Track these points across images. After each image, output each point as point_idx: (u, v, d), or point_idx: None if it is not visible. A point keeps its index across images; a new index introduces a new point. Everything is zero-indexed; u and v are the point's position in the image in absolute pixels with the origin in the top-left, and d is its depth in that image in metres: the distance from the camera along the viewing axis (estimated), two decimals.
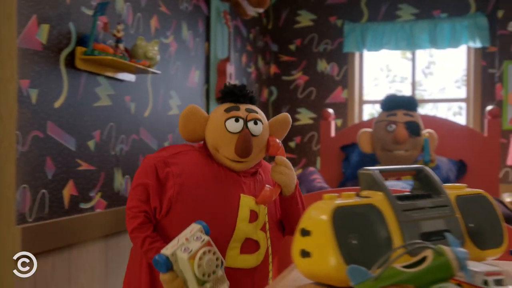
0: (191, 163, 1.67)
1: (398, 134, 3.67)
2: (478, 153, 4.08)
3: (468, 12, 4.87)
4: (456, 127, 4.20)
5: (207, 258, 1.41)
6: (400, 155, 3.78)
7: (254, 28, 4.86)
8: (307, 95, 5.33)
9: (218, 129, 1.66)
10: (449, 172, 4.00)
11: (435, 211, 1.18)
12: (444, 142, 4.13)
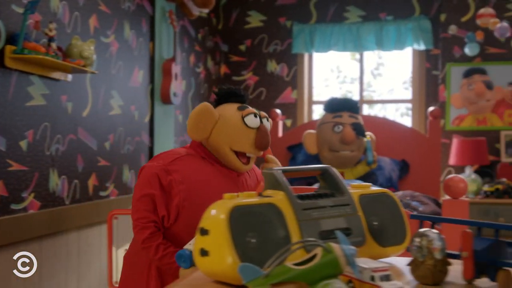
0: (191, 168, 1.71)
1: (346, 135, 3.73)
2: (420, 153, 4.18)
3: (412, 15, 4.98)
4: (399, 128, 4.29)
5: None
6: (346, 155, 3.84)
7: (203, 28, 4.86)
8: (257, 96, 5.36)
9: (237, 126, 1.71)
10: (391, 172, 4.08)
11: (336, 210, 1.22)
12: (387, 142, 4.22)
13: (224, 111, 1.76)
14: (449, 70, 4.83)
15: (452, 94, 4.85)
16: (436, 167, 4.13)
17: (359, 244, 1.22)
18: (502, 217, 4.27)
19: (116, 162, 3.30)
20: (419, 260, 1.10)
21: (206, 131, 1.73)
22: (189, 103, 4.57)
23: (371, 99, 6.04)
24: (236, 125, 1.72)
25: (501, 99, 4.74)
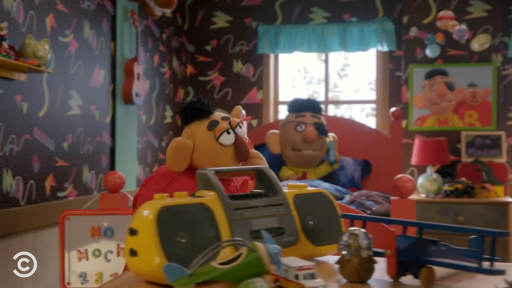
0: (186, 187, 1.67)
1: (308, 134, 3.77)
2: (382, 153, 4.23)
3: (376, 17, 5.04)
4: (362, 128, 4.34)
5: None
6: (308, 154, 3.87)
7: (168, 28, 4.85)
8: (223, 96, 5.37)
9: (213, 149, 1.71)
10: (354, 172, 4.13)
11: (269, 210, 1.23)
12: (350, 143, 4.27)
13: (195, 135, 1.74)
14: (411, 71, 4.90)
15: (414, 95, 4.92)
16: (397, 167, 4.18)
17: (292, 243, 1.24)
18: (462, 216, 4.35)
19: (75, 162, 3.28)
20: (346, 258, 1.12)
21: (186, 161, 1.74)
22: (153, 103, 4.56)
23: (337, 99, 6.10)
24: (212, 148, 1.72)
25: (462, 100, 4.83)
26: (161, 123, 4.74)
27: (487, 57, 4.77)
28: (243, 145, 1.73)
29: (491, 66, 4.76)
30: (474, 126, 4.81)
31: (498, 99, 4.78)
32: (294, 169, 3.98)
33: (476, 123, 4.82)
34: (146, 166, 4.41)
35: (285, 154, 3.93)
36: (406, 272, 1.13)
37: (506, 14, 4.82)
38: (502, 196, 4.46)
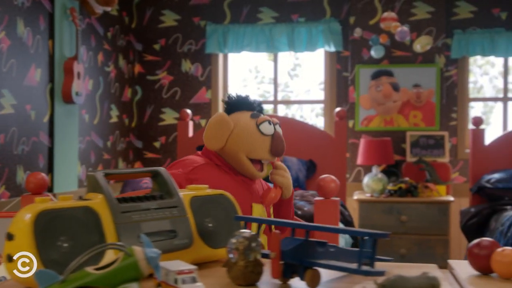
0: (210, 176, 1.73)
1: None
2: (327, 154, 4.26)
3: (323, 17, 5.07)
4: (307, 128, 4.36)
5: None
6: None
7: (113, 27, 4.78)
8: (171, 95, 5.32)
9: (253, 134, 1.74)
10: (298, 172, 4.14)
11: (161, 212, 1.21)
12: (295, 143, 4.28)
13: (238, 120, 1.78)
14: (358, 72, 4.95)
15: (361, 95, 4.97)
16: (342, 167, 4.22)
17: (185, 247, 1.22)
18: (405, 215, 4.41)
19: (8, 163, 3.20)
20: (232, 261, 1.11)
21: (223, 140, 1.76)
22: (96, 102, 4.48)
23: (288, 99, 6.11)
24: (252, 133, 1.75)
25: (407, 100, 4.89)
26: (106, 123, 4.67)
27: (430, 58, 4.85)
28: (280, 140, 1.76)
29: (434, 67, 4.83)
30: (419, 126, 4.89)
31: (441, 100, 4.86)
32: None
33: (420, 123, 4.89)
34: (89, 166, 4.33)
35: None
36: (293, 274, 1.12)
37: (449, 16, 4.91)
38: (444, 195, 4.53)
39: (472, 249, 1.17)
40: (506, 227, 3.26)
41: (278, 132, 1.77)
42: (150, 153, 5.34)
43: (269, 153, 1.76)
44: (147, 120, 5.35)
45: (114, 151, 4.80)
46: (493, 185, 3.80)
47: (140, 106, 5.34)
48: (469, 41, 4.79)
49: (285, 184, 1.80)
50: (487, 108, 5.88)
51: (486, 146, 4.17)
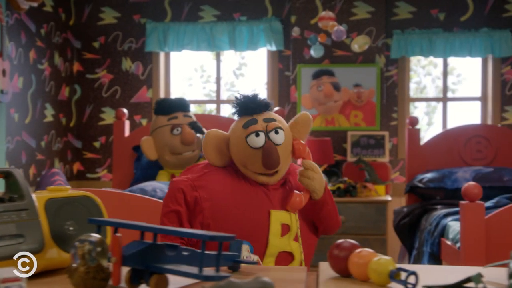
0: (220, 183, 1.67)
1: (186, 136, 3.66)
2: None
3: (265, 16, 5.04)
4: None
5: None
6: (189, 156, 3.77)
7: (47, 23, 4.65)
8: (111, 94, 5.22)
9: (241, 147, 1.65)
10: None
11: (6, 216, 1.14)
12: None
13: (233, 130, 1.71)
14: (299, 71, 4.93)
15: (302, 95, 4.95)
16: None
17: (35, 251, 1.15)
18: (343, 215, 4.40)
19: None
20: (73, 267, 1.05)
21: (224, 155, 1.72)
22: (28, 101, 4.35)
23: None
24: (241, 147, 1.66)
25: (347, 100, 4.90)
26: (40, 122, 4.54)
27: (371, 58, 4.86)
28: (269, 153, 1.62)
29: (375, 67, 4.85)
30: (359, 126, 4.90)
31: (381, 100, 4.88)
32: (172, 171, 3.88)
33: (361, 123, 4.90)
34: (19, 166, 4.20)
35: (163, 159, 3.82)
36: (141, 280, 1.07)
37: (389, 16, 4.93)
38: (383, 195, 4.54)
39: (332, 251, 1.13)
40: (433, 227, 3.27)
41: (270, 143, 1.64)
42: (90, 153, 5.22)
43: (262, 167, 1.64)
44: (87, 120, 5.23)
45: (49, 151, 4.68)
46: (425, 184, 3.82)
47: (79, 105, 5.21)
48: (408, 42, 4.82)
49: (312, 187, 1.66)
50: (430, 108, 5.95)
51: (422, 146, 4.20)
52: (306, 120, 1.75)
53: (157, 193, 2.73)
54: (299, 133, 1.74)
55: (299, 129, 1.74)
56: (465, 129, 4.19)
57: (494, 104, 4.87)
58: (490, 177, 3.66)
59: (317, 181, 1.67)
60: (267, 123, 1.67)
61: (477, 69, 5.03)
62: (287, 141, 1.68)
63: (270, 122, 1.68)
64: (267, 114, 1.71)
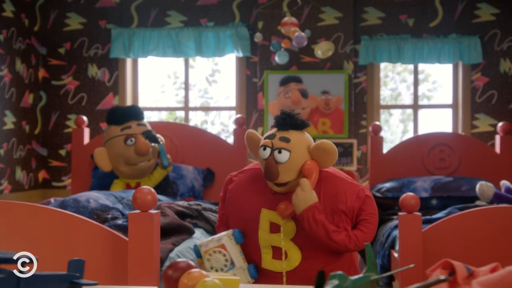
0: (244, 180, 2.03)
1: (140, 146, 3.61)
2: (227, 162, 4.16)
3: (233, 22, 5.00)
4: (204, 135, 4.27)
5: (215, 256, 1.91)
6: (144, 166, 3.73)
7: (7, 29, 4.61)
8: (78, 101, 5.18)
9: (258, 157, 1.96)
10: (194, 181, 4.04)
11: None
12: (191, 150, 4.18)
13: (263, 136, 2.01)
14: (266, 78, 4.88)
15: (270, 101, 4.90)
16: None
17: None
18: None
19: None
20: None
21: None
22: None
23: (208, 106, 6.03)
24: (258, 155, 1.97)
25: (315, 107, 4.85)
26: None
27: (339, 64, 4.82)
28: (267, 167, 1.88)
29: (343, 74, 4.80)
30: (327, 134, 4.84)
31: (350, 107, 4.83)
32: (127, 181, 3.83)
33: (329, 130, 4.85)
34: None
35: (118, 169, 3.77)
36: None
37: (357, 22, 4.89)
38: None
39: (166, 271, 1.08)
40: (385, 238, 3.21)
41: (271, 159, 1.88)
42: (56, 161, 5.18)
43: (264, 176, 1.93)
44: (52, 127, 5.19)
45: (9, 159, 4.63)
46: (382, 194, 3.76)
47: (44, 112, 5.18)
48: (376, 48, 4.78)
49: (293, 201, 1.89)
50: (406, 115, 5.89)
51: (385, 154, 4.14)
52: (327, 149, 1.92)
53: (90, 204, 2.68)
54: (317, 157, 1.92)
55: (318, 154, 1.92)
56: (428, 137, 4.13)
57: (464, 111, 4.82)
58: (448, 187, 3.61)
59: (299, 198, 1.87)
60: (279, 141, 1.90)
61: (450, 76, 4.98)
62: (294, 160, 1.89)
63: (282, 141, 1.90)
64: (289, 133, 1.93)
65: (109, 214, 2.65)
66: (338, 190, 1.93)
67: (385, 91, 5.62)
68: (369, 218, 1.94)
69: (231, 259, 1.91)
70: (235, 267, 1.91)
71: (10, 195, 4.62)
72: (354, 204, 1.93)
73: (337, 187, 1.94)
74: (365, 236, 1.92)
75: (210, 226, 3.03)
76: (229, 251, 1.91)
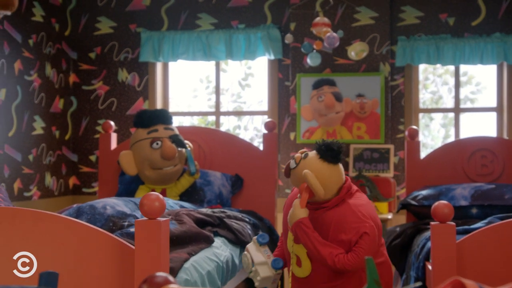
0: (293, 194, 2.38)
1: (166, 150, 3.56)
2: (256, 168, 4.06)
3: (264, 23, 4.90)
4: (234, 140, 4.18)
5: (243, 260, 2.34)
6: (170, 171, 3.67)
7: (36, 34, 4.63)
8: (108, 106, 5.17)
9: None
10: (221, 187, 3.95)
11: None
12: (220, 156, 4.10)
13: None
14: (299, 81, 4.76)
15: (302, 105, 4.78)
16: (271, 182, 4.03)
17: None
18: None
19: None
20: None
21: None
22: (12, 112, 4.33)
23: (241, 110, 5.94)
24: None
25: (350, 111, 4.70)
26: (27, 135, 4.51)
27: (375, 66, 4.66)
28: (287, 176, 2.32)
29: (379, 76, 4.64)
30: (363, 139, 4.69)
31: (386, 111, 4.66)
32: (152, 187, 3.77)
33: (364, 135, 4.69)
34: (1, 181, 4.17)
35: (143, 174, 3.72)
36: None
37: (394, 22, 4.73)
38: (386, 213, 4.32)
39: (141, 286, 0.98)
40: (419, 249, 3.04)
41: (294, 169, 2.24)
42: (86, 167, 5.18)
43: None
44: (83, 132, 5.20)
45: (38, 165, 4.65)
46: (418, 202, 3.58)
47: (74, 117, 5.19)
48: (414, 48, 4.60)
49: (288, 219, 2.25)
50: (447, 120, 5.67)
51: (422, 160, 3.96)
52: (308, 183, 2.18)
53: (107, 211, 2.62)
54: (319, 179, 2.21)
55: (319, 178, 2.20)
56: (469, 141, 3.93)
57: (509, 114, 4.59)
58: (490, 195, 3.40)
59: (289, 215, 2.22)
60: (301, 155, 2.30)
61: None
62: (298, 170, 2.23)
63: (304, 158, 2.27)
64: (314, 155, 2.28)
65: (126, 221, 2.58)
66: (345, 221, 2.16)
67: (425, 95, 5.40)
68: (358, 250, 2.11)
69: (251, 258, 2.28)
70: (254, 264, 2.27)
71: (39, 202, 4.63)
72: (353, 237, 2.13)
73: (345, 219, 2.17)
74: (347, 262, 2.11)
75: (232, 234, 2.93)
76: (251, 252, 2.30)
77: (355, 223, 2.14)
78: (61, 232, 1.96)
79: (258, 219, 3.70)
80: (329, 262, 2.10)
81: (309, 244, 2.12)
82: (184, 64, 5.34)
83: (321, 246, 2.11)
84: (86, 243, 1.96)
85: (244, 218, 3.39)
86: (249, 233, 3.16)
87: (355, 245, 2.12)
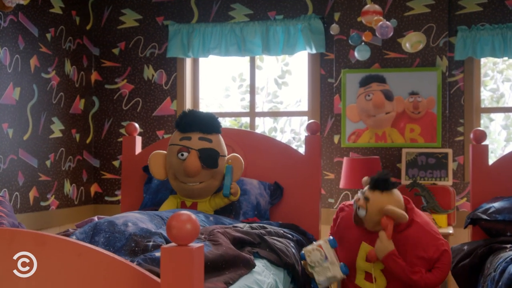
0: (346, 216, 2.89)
1: (189, 167, 3.11)
2: (298, 175, 3.69)
3: (305, 14, 4.53)
4: (272, 144, 3.81)
5: (314, 253, 2.63)
6: (193, 188, 3.24)
7: (54, 27, 4.34)
8: (132, 107, 4.86)
9: None
10: (259, 197, 3.57)
11: None
12: (256, 161, 3.73)
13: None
14: (344, 78, 4.37)
15: (348, 105, 4.39)
16: (314, 191, 3.65)
17: None
18: None
19: None
20: None
21: None
22: (27, 113, 4.03)
23: (278, 110, 5.57)
24: None
25: (402, 111, 4.29)
26: (44, 138, 4.22)
27: (430, 60, 4.24)
28: (355, 217, 2.77)
29: (435, 72, 4.22)
30: (416, 143, 4.27)
31: (443, 110, 4.24)
32: (184, 199, 3.38)
33: (418, 138, 4.27)
34: (15, 189, 3.87)
35: (170, 181, 3.36)
36: None
37: (453, 10, 4.30)
38: (445, 226, 3.89)
39: None
40: (498, 274, 2.62)
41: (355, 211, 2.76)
42: (109, 173, 4.87)
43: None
44: (105, 136, 4.89)
45: (56, 171, 4.34)
46: (490, 216, 3.15)
47: (96, 119, 4.88)
48: (476, 40, 4.17)
49: (375, 250, 2.64)
50: (510, 121, 5.20)
51: (491, 167, 3.53)
52: (391, 215, 2.63)
53: (128, 228, 2.27)
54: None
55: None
56: None
57: None
58: None
59: (379, 248, 2.61)
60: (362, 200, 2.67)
61: None
62: (369, 216, 2.66)
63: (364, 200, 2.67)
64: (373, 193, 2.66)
65: (151, 241, 2.22)
66: (422, 241, 2.60)
67: (484, 93, 4.95)
68: (442, 267, 2.59)
69: (325, 255, 2.59)
70: (328, 260, 2.58)
71: (57, 212, 4.33)
72: (434, 255, 2.59)
73: (421, 239, 2.61)
74: (434, 279, 2.58)
75: (275, 255, 2.55)
76: (324, 249, 2.61)
77: (432, 240, 2.62)
78: (69, 260, 1.62)
79: (301, 234, 3.32)
80: (422, 285, 2.56)
81: (402, 273, 2.58)
82: (215, 60, 4.99)
83: (412, 274, 2.57)
84: (99, 274, 1.61)
85: (287, 234, 3.02)
86: (293, 252, 2.78)
87: (438, 262, 2.59)
